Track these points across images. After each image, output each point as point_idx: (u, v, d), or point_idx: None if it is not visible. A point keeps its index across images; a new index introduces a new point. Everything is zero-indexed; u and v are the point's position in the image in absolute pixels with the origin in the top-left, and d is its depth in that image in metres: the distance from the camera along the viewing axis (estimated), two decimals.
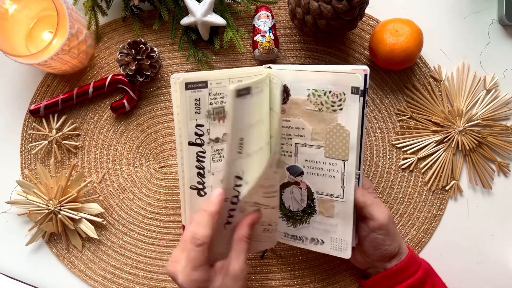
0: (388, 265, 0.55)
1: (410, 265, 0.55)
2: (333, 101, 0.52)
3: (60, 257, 0.67)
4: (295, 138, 0.55)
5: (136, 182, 0.67)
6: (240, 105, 0.45)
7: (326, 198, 0.55)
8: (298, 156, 0.55)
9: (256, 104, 0.49)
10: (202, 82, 0.52)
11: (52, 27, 0.61)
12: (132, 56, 0.63)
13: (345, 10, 0.55)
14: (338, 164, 0.53)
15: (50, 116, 0.66)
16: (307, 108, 0.54)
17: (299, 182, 0.56)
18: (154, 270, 0.66)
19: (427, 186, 0.66)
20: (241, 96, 0.45)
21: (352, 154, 0.52)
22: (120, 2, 0.66)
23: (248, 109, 0.47)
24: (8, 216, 0.67)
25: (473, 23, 0.67)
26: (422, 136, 0.66)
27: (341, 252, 0.56)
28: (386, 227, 0.54)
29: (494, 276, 0.66)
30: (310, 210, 0.56)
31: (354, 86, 0.51)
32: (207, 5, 0.62)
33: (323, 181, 0.55)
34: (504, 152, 0.66)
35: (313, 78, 0.53)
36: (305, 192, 0.56)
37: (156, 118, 0.67)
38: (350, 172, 0.53)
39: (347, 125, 0.52)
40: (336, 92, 0.52)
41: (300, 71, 0.53)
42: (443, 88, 0.66)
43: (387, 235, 0.54)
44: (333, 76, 0.52)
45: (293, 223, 0.58)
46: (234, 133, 0.45)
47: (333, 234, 0.56)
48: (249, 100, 0.47)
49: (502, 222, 0.66)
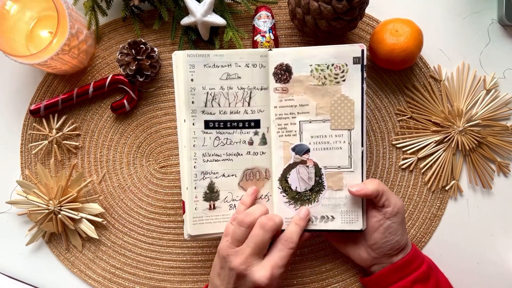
0: (395, 258, 0.56)
1: (415, 259, 0.56)
2: (336, 73, 0.55)
3: (60, 257, 0.67)
4: (299, 116, 0.56)
5: (136, 182, 0.67)
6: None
7: (334, 171, 0.56)
8: (304, 134, 0.56)
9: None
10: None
11: (52, 27, 0.61)
12: (132, 56, 0.63)
13: (345, 10, 0.55)
14: (344, 134, 0.56)
15: (50, 116, 0.66)
16: (311, 84, 0.56)
17: (305, 161, 0.57)
18: (154, 270, 0.66)
19: (427, 186, 0.66)
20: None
21: (357, 123, 0.55)
22: (120, 2, 0.66)
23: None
24: (8, 216, 0.67)
25: (473, 23, 0.67)
26: (422, 136, 0.66)
27: (353, 224, 0.56)
28: (402, 215, 0.55)
29: (494, 276, 0.66)
30: (318, 187, 0.57)
31: (356, 56, 0.55)
32: (207, 5, 0.62)
33: (331, 154, 0.56)
34: (504, 152, 0.66)
35: (314, 54, 0.55)
36: (312, 169, 0.57)
37: (156, 118, 0.67)
38: (357, 140, 0.55)
39: (351, 95, 0.55)
40: (339, 64, 0.55)
41: (302, 48, 0.56)
42: (443, 88, 0.66)
43: (400, 224, 0.55)
44: (334, 49, 0.55)
45: (301, 205, 0.57)
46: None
47: (343, 207, 0.56)
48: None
49: (502, 222, 0.66)
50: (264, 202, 0.57)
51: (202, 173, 0.56)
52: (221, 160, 0.56)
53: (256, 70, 0.56)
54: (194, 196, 0.56)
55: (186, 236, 0.56)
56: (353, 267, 0.65)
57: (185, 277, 0.66)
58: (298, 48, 0.56)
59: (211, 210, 0.56)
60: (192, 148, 0.56)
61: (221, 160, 0.56)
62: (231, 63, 0.55)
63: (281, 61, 0.56)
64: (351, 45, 0.54)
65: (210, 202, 0.56)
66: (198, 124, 0.56)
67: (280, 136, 0.57)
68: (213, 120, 0.56)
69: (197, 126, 0.56)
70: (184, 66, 0.55)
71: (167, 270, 0.66)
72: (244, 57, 0.56)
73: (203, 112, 0.56)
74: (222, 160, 0.56)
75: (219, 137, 0.56)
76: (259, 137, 0.57)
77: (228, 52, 0.55)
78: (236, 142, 0.56)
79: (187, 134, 0.55)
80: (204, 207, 0.56)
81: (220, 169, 0.56)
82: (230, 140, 0.56)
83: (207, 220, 0.56)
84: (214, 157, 0.56)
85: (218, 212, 0.56)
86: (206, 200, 0.56)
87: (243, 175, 0.57)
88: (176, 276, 0.66)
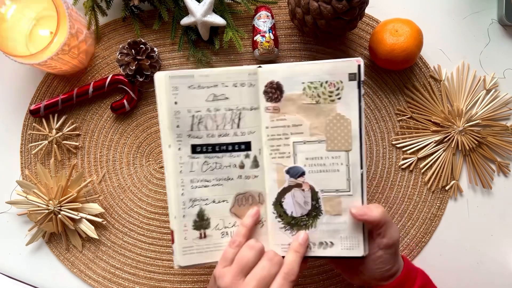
0: (385, 282, 0.53)
1: (405, 282, 0.53)
2: (331, 91, 0.51)
3: (60, 257, 0.67)
4: (292, 137, 0.53)
5: (136, 182, 0.67)
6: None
7: (332, 195, 0.53)
8: (298, 156, 0.53)
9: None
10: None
11: (52, 27, 0.61)
12: (132, 56, 0.63)
13: (345, 10, 0.55)
14: (342, 155, 0.52)
15: (50, 116, 0.66)
16: (303, 103, 0.52)
17: (301, 184, 0.53)
18: (154, 270, 0.66)
19: (427, 186, 0.66)
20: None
21: (355, 143, 0.51)
22: (120, 2, 0.66)
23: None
24: (8, 216, 0.67)
25: (473, 23, 0.67)
26: (422, 136, 0.66)
27: (353, 251, 0.52)
28: (396, 247, 0.52)
29: (494, 276, 0.66)
30: (315, 212, 0.53)
31: (352, 73, 0.50)
32: (207, 5, 0.62)
33: (327, 177, 0.52)
34: (504, 152, 0.66)
35: (307, 70, 0.51)
36: (308, 193, 0.53)
37: (156, 118, 0.67)
38: (355, 162, 0.51)
39: (347, 114, 0.51)
40: (333, 82, 0.51)
41: (293, 65, 0.52)
42: (443, 88, 0.66)
43: (393, 255, 0.52)
44: (329, 66, 0.51)
45: (297, 230, 0.53)
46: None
47: (342, 233, 0.52)
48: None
49: (502, 222, 0.66)
50: (258, 228, 0.54)
51: (191, 200, 0.52)
52: (210, 185, 0.53)
53: (245, 89, 0.52)
54: (183, 225, 0.52)
55: (176, 266, 0.53)
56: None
57: (185, 277, 0.66)
58: (289, 64, 0.52)
59: (202, 239, 0.53)
60: (179, 175, 0.52)
61: (210, 186, 0.53)
62: (218, 83, 0.52)
63: (272, 78, 0.52)
64: (347, 60, 0.50)
65: (201, 231, 0.52)
66: (185, 149, 0.52)
67: (273, 158, 0.53)
68: (201, 144, 0.52)
69: (183, 151, 0.52)
70: (167, 88, 0.51)
71: (167, 270, 0.66)
72: (232, 76, 0.52)
73: (189, 136, 0.52)
74: (212, 185, 0.53)
75: (208, 161, 0.53)
76: (251, 159, 0.53)
77: (213, 71, 0.52)
78: (226, 166, 0.53)
79: (173, 160, 0.52)
80: (194, 236, 0.52)
81: (210, 195, 0.53)
82: (219, 164, 0.53)
83: (198, 250, 0.52)
84: (203, 182, 0.52)
85: (209, 240, 0.53)
86: (196, 229, 0.52)
87: (234, 200, 0.53)
88: (176, 276, 0.66)
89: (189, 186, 0.52)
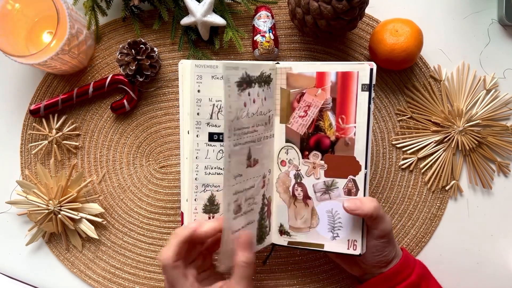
0: (384, 269, 0.55)
1: (403, 269, 0.55)
2: None
3: (60, 257, 0.67)
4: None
5: (136, 182, 0.67)
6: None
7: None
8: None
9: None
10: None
11: (52, 27, 0.61)
12: (132, 56, 0.63)
13: (345, 10, 0.55)
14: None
15: (50, 116, 0.66)
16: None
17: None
18: (154, 270, 0.66)
19: (427, 186, 0.66)
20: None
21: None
22: (120, 2, 0.66)
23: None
24: (8, 216, 0.67)
25: (473, 23, 0.67)
26: (422, 136, 0.66)
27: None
28: (389, 236, 0.54)
29: (494, 276, 0.66)
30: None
31: (364, 84, 0.52)
32: (207, 5, 0.62)
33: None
34: (504, 152, 0.66)
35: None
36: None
37: (156, 118, 0.67)
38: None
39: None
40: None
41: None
42: (443, 88, 0.66)
43: (388, 243, 0.54)
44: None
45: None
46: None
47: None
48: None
49: (502, 222, 0.66)
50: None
51: (203, 186, 0.54)
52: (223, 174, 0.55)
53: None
54: (193, 208, 0.55)
55: None
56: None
57: None
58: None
59: None
60: (195, 160, 0.54)
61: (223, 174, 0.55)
62: None
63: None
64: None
65: (210, 215, 0.55)
66: (202, 136, 0.54)
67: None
68: (218, 133, 0.54)
69: (201, 138, 0.54)
70: (191, 76, 0.53)
71: None
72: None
73: (208, 124, 0.54)
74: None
75: (223, 150, 0.54)
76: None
77: (238, 63, 0.53)
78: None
79: (190, 146, 0.54)
80: (203, 219, 0.55)
81: (222, 183, 0.55)
82: None
83: None
84: (216, 170, 0.54)
85: None
86: (206, 212, 0.55)
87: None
88: None
89: (203, 172, 0.55)
